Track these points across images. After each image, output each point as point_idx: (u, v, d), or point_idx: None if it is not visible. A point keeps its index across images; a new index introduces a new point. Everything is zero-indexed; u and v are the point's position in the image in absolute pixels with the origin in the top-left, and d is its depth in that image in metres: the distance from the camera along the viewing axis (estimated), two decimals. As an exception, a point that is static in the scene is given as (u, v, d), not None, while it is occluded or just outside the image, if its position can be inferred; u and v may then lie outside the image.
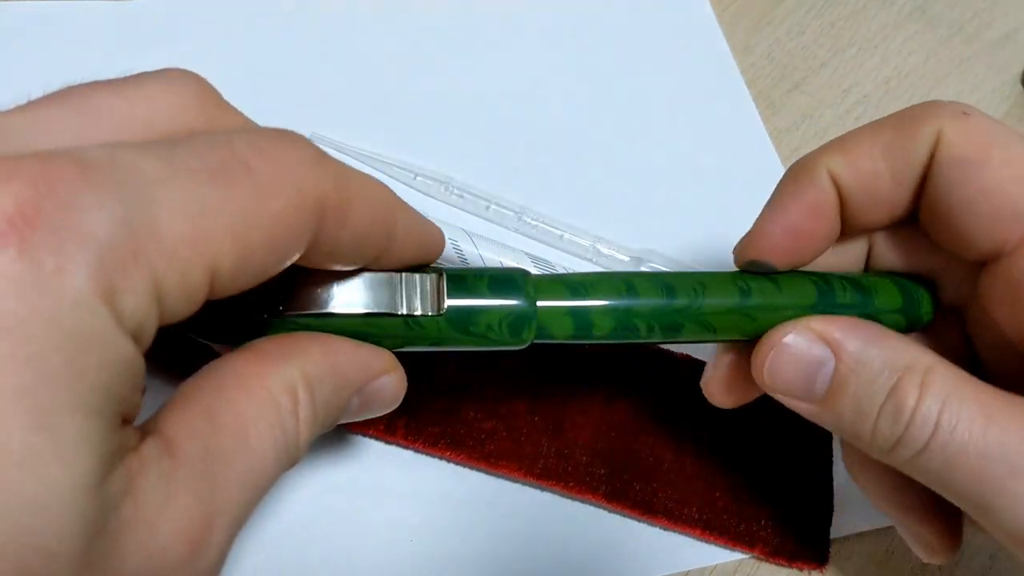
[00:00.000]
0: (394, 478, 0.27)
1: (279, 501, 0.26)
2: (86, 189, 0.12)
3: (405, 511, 0.27)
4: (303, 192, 0.15)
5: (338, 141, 0.32)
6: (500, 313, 0.20)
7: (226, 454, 0.15)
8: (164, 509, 0.14)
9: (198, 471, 0.15)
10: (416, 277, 0.19)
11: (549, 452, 0.27)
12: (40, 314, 0.11)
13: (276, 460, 0.17)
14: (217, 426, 0.15)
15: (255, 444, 0.16)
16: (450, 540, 0.27)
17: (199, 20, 0.34)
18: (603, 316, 0.21)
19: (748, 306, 0.22)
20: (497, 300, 0.20)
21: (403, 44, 0.36)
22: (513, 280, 0.21)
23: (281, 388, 0.17)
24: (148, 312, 0.13)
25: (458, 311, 0.20)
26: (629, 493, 0.27)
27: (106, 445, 0.12)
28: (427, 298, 0.20)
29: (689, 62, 0.38)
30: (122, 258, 0.12)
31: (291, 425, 0.17)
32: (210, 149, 0.14)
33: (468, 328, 0.20)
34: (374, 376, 0.19)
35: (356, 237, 0.17)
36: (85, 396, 0.12)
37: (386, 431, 0.27)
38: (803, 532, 0.28)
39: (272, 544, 0.25)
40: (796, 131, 0.38)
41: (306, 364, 0.17)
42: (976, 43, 0.42)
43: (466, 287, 0.20)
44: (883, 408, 0.20)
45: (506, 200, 0.32)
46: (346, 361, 0.19)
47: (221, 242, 0.14)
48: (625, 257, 0.32)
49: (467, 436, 0.27)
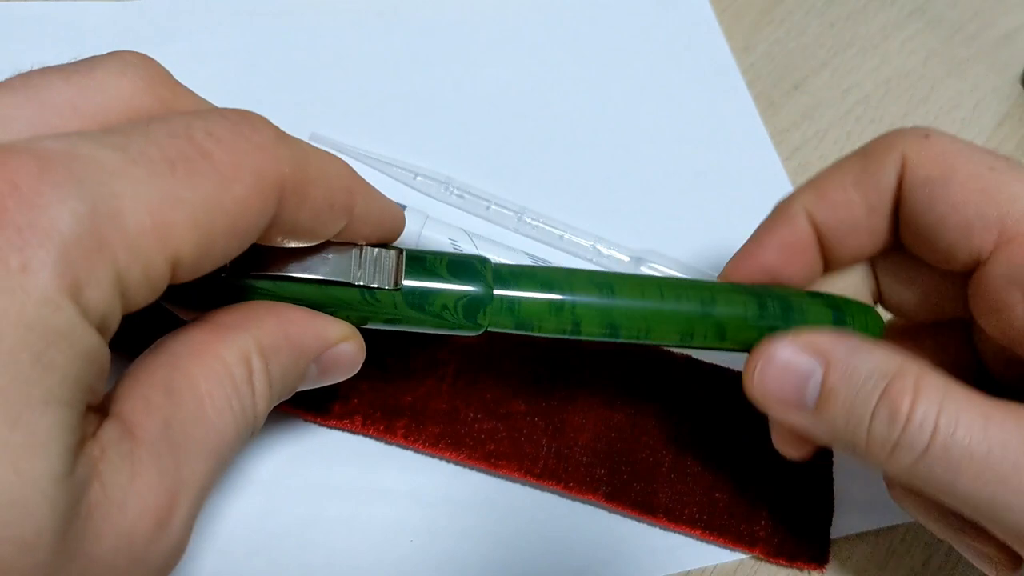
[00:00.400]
0: (394, 478, 0.27)
1: (279, 502, 0.26)
2: (47, 185, 0.12)
3: (405, 511, 0.27)
4: (263, 176, 0.15)
5: (338, 141, 0.32)
6: (456, 295, 0.20)
7: (185, 428, 0.16)
8: (129, 488, 0.14)
9: (159, 447, 0.15)
10: (376, 251, 0.20)
11: (549, 452, 0.27)
12: (8, 313, 0.12)
13: (235, 430, 0.17)
14: (175, 400, 0.16)
15: (213, 415, 0.16)
16: (450, 540, 0.27)
17: (199, 20, 0.34)
18: (545, 313, 0.22)
19: (667, 312, 0.23)
20: (453, 284, 0.21)
21: (403, 44, 0.36)
22: (471, 265, 0.21)
23: (236, 358, 0.17)
24: (112, 304, 0.13)
25: (415, 289, 0.20)
26: (629, 493, 0.27)
27: (75, 435, 0.13)
28: (385, 272, 0.20)
29: (689, 62, 0.38)
30: (85, 253, 0.12)
31: (247, 394, 0.17)
32: (168, 138, 0.14)
33: (424, 306, 0.20)
34: (331, 344, 0.20)
35: (314, 216, 0.17)
36: (54, 390, 0.12)
37: (386, 431, 0.27)
38: (803, 532, 0.28)
39: (273, 545, 0.25)
40: (796, 131, 0.38)
41: (260, 333, 0.18)
42: (976, 43, 0.42)
43: (424, 266, 0.20)
44: (876, 412, 0.20)
45: (506, 200, 0.32)
46: (301, 329, 0.19)
47: (183, 232, 0.14)
48: (625, 257, 0.32)
49: (467, 436, 0.27)
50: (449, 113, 0.34)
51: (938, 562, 0.30)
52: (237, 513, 0.26)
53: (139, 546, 0.14)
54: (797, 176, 0.36)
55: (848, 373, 0.21)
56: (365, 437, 0.27)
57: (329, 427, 0.27)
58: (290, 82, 0.33)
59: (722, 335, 0.23)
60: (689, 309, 0.23)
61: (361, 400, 0.27)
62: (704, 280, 0.24)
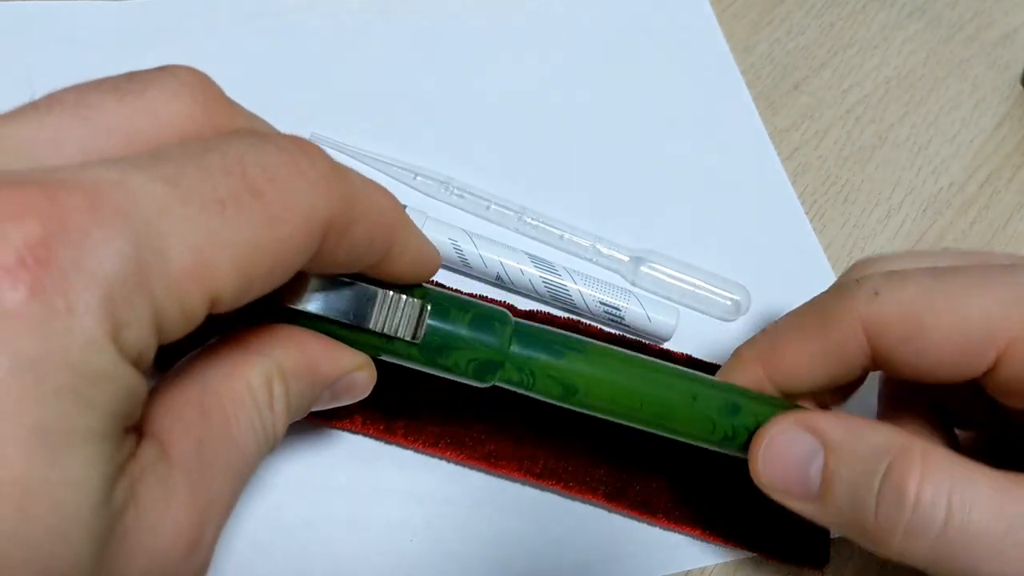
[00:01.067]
0: (394, 478, 0.27)
1: (279, 502, 0.26)
2: (95, 226, 0.12)
3: (405, 511, 0.27)
4: (312, 217, 0.15)
5: (338, 141, 0.32)
6: (470, 355, 0.21)
7: (214, 449, 0.16)
8: (164, 511, 0.14)
9: (191, 469, 0.15)
10: (402, 299, 0.20)
11: (549, 452, 0.27)
12: (52, 354, 0.12)
13: (256, 451, 0.17)
14: (207, 421, 0.16)
15: (238, 437, 0.16)
16: (450, 540, 0.27)
17: (199, 20, 0.34)
18: (555, 391, 0.22)
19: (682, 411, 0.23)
20: (470, 342, 0.21)
21: (404, 44, 0.36)
22: (491, 326, 0.21)
23: (260, 381, 0.17)
24: (149, 341, 0.13)
25: (431, 343, 0.20)
26: (629, 493, 0.27)
27: (113, 463, 0.13)
28: (406, 323, 0.20)
29: (689, 62, 0.38)
30: (128, 294, 0.12)
31: (268, 417, 0.17)
32: (222, 175, 0.14)
33: (436, 360, 0.21)
34: (346, 372, 0.20)
35: (352, 250, 0.17)
36: (94, 426, 0.12)
37: (386, 431, 0.27)
38: (803, 532, 0.28)
39: (273, 545, 0.25)
40: (796, 131, 0.38)
41: (284, 358, 0.18)
42: (976, 43, 0.42)
43: (447, 320, 0.21)
44: (881, 493, 0.20)
45: (506, 200, 0.32)
46: (320, 357, 0.19)
47: (224, 273, 0.14)
48: (625, 257, 0.32)
49: (467, 436, 0.27)
50: (449, 113, 0.34)
51: (938, 562, 0.30)
52: (238, 513, 0.26)
53: (170, 567, 0.14)
54: (797, 176, 0.36)
55: (848, 453, 0.21)
56: (365, 437, 0.27)
57: (329, 427, 0.27)
58: (290, 82, 0.33)
59: (737, 434, 0.23)
60: (715, 415, 0.23)
61: (361, 400, 0.27)
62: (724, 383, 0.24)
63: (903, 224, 0.36)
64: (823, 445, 0.21)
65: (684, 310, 0.32)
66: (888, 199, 0.37)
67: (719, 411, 0.23)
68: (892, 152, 0.38)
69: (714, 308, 0.32)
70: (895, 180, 0.37)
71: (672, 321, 0.30)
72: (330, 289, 0.19)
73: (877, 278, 0.22)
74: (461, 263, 0.30)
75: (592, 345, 0.22)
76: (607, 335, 0.30)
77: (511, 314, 0.22)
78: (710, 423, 0.23)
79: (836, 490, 0.21)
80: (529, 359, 0.21)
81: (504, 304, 0.26)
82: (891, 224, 0.36)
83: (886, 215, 0.36)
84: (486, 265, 0.30)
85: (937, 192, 0.38)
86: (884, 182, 0.37)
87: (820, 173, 0.37)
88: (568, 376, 0.22)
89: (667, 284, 0.32)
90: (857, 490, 0.20)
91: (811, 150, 0.38)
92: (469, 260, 0.30)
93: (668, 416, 0.23)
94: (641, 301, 0.30)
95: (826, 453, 0.21)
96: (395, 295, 0.20)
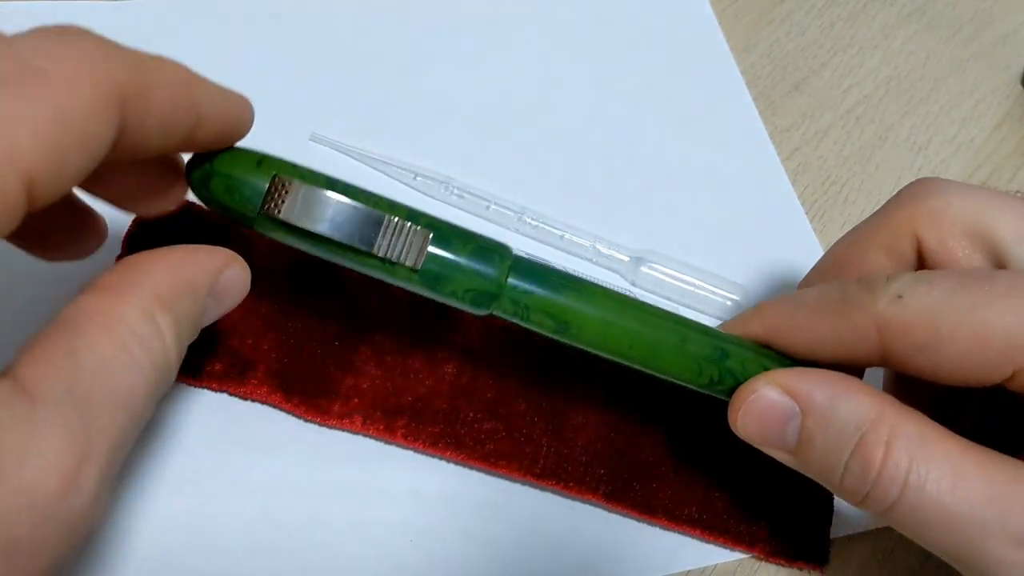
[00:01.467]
0: (394, 478, 0.27)
1: (279, 502, 0.26)
2: None
3: (405, 512, 0.27)
4: (100, 84, 0.15)
5: (338, 141, 0.32)
6: (468, 284, 0.21)
7: (92, 388, 0.16)
8: (29, 447, 0.14)
9: (63, 408, 0.15)
10: (407, 226, 0.21)
11: (549, 452, 0.27)
12: None
13: (146, 386, 0.17)
14: (79, 364, 0.16)
15: (120, 375, 0.16)
16: (450, 540, 0.26)
17: (198, 20, 0.34)
18: (548, 324, 0.22)
19: (671, 344, 0.23)
20: (470, 273, 0.21)
21: (403, 44, 0.36)
22: (492, 256, 0.22)
23: (139, 318, 0.17)
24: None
25: (431, 270, 0.21)
26: (629, 493, 0.27)
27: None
28: (408, 250, 0.21)
29: (689, 62, 0.38)
30: None
31: (158, 349, 0.17)
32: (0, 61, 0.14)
33: (435, 287, 0.21)
34: (219, 273, 0.20)
35: (161, 118, 0.17)
36: None
37: (386, 431, 0.27)
38: (803, 532, 0.28)
39: (273, 545, 0.25)
40: (796, 131, 0.38)
41: (158, 286, 0.18)
42: (976, 43, 0.42)
43: (449, 248, 0.21)
44: (848, 463, 0.21)
45: (506, 200, 0.32)
46: (191, 268, 0.19)
47: (29, 150, 0.14)
48: (625, 257, 0.32)
49: (467, 436, 0.27)
50: (449, 113, 0.34)
51: (937, 562, 0.30)
52: (238, 513, 0.26)
53: (45, 504, 0.14)
54: (797, 176, 0.36)
55: (825, 420, 0.21)
56: (365, 437, 0.27)
57: (329, 427, 0.27)
58: (289, 82, 0.33)
59: (724, 379, 0.24)
60: (701, 360, 0.23)
61: (361, 400, 0.27)
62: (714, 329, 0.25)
63: (903, 224, 0.36)
64: (803, 409, 0.22)
65: (684, 310, 0.32)
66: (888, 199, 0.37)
67: (707, 355, 0.23)
68: (892, 152, 0.38)
69: (714, 308, 0.32)
70: (895, 180, 0.37)
71: (672, 321, 0.30)
72: (339, 213, 0.20)
73: (905, 280, 0.22)
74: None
75: (588, 284, 0.23)
76: None
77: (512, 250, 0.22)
78: (697, 366, 0.23)
79: (809, 452, 0.22)
80: (525, 292, 0.22)
81: None
82: (891, 224, 0.36)
83: (886, 215, 0.36)
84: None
85: (937, 192, 0.38)
86: (884, 182, 0.37)
87: (820, 173, 0.37)
88: (562, 311, 0.22)
89: (667, 284, 0.32)
90: (828, 456, 0.21)
91: (811, 150, 0.38)
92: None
93: (656, 356, 0.23)
94: (641, 301, 0.30)
95: (803, 417, 0.22)
96: (400, 221, 0.20)
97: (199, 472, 0.26)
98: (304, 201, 0.20)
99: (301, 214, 0.20)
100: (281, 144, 0.31)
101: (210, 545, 0.25)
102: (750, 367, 0.24)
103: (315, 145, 0.32)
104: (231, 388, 0.26)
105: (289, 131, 0.32)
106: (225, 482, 0.26)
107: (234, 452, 0.26)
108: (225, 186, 0.20)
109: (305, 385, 0.27)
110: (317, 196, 0.20)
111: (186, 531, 0.25)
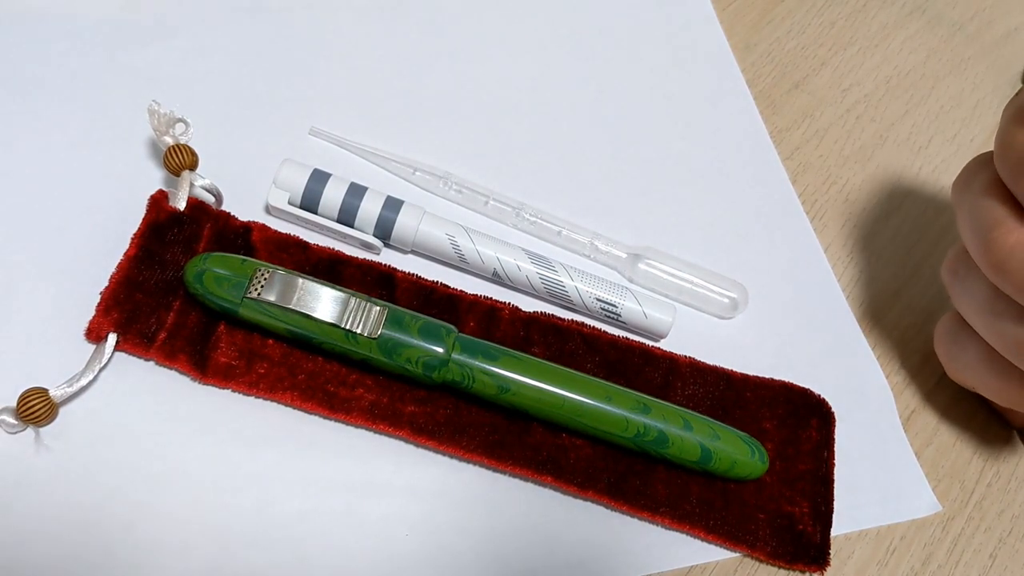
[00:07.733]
0: (391, 472, 0.27)
1: (276, 495, 0.26)
2: None
3: (402, 505, 0.26)
4: None
5: (337, 136, 0.32)
6: (419, 352, 0.26)
7: None
8: None
9: None
10: (368, 305, 0.26)
11: (549, 448, 0.27)
12: None
13: None
14: None
15: None
16: (447, 535, 0.26)
17: (198, 16, 0.34)
18: (485, 378, 0.26)
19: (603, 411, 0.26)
20: (420, 343, 0.26)
21: (403, 40, 0.35)
22: (438, 332, 0.26)
23: None
24: None
25: (388, 340, 0.25)
26: (628, 490, 0.27)
27: None
28: (369, 322, 0.25)
29: (689, 61, 0.38)
30: None
31: None
32: None
33: (392, 355, 0.26)
34: None
35: None
36: None
37: (387, 425, 0.27)
38: (803, 532, 0.28)
39: (270, 538, 0.25)
40: (796, 131, 0.38)
41: None
42: (976, 43, 0.42)
43: (400, 325, 0.26)
44: None
45: (505, 196, 0.32)
46: None
47: None
48: (622, 254, 0.32)
49: (468, 429, 0.27)
50: (448, 108, 0.34)
51: (938, 562, 0.29)
52: (234, 506, 0.25)
53: None
54: (797, 176, 0.36)
55: None
56: (362, 430, 0.27)
57: (330, 419, 0.27)
58: (289, 77, 0.33)
59: (663, 443, 0.26)
60: (627, 413, 0.26)
61: (363, 394, 0.27)
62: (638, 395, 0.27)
63: (903, 224, 0.36)
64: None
65: (682, 307, 0.32)
66: (888, 199, 0.37)
67: (631, 410, 0.26)
68: (892, 152, 0.38)
69: (712, 306, 0.32)
70: (895, 180, 0.37)
71: (669, 318, 0.30)
72: (317, 292, 0.25)
73: None
74: (458, 259, 0.30)
75: (523, 356, 0.27)
76: (603, 335, 0.30)
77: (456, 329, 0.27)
78: (623, 420, 0.26)
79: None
80: (468, 363, 0.26)
81: (506, 304, 0.29)
82: (891, 224, 0.36)
83: (886, 215, 0.36)
84: (483, 261, 0.30)
85: (937, 192, 0.37)
86: (884, 182, 0.37)
87: (820, 173, 0.37)
88: (501, 377, 0.26)
89: (665, 281, 0.31)
90: None
91: (811, 149, 0.37)
92: (466, 256, 0.30)
93: (586, 413, 0.26)
94: (638, 298, 0.30)
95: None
96: (364, 301, 0.26)
97: (195, 463, 0.26)
98: (282, 283, 0.25)
99: (280, 295, 0.25)
100: (281, 138, 0.32)
101: (207, 537, 0.25)
102: (671, 420, 0.27)
103: (314, 139, 0.32)
104: (234, 385, 0.26)
105: (288, 125, 0.32)
106: (223, 474, 0.26)
107: (230, 445, 0.26)
108: (215, 278, 0.25)
109: (310, 381, 0.27)
110: (293, 279, 0.25)
111: (183, 523, 0.25)
